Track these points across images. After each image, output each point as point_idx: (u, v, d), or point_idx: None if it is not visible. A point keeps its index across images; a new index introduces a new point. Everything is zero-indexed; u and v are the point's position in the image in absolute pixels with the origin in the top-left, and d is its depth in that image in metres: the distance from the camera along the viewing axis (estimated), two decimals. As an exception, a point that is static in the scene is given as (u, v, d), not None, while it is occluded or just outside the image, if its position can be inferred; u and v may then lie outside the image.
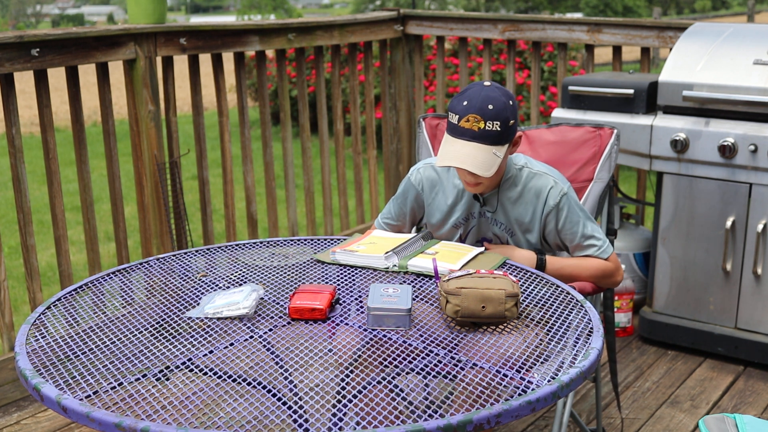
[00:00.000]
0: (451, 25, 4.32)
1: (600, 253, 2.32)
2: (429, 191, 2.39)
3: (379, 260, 2.07)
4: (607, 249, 2.33)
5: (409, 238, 2.23)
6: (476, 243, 2.39)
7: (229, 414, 1.51)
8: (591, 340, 1.69)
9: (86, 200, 3.28)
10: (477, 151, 2.14)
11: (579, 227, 2.30)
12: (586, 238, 2.31)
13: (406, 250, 2.14)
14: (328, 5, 64.92)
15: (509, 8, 36.74)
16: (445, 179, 2.37)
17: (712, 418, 1.77)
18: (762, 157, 3.06)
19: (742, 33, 3.32)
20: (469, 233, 2.39)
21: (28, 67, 2.97)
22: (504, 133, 2.16)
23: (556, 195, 2.27)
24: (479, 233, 2.38)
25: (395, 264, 2.07)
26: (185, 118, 8.49)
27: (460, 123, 2.16)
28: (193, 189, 6.42)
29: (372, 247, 2.14)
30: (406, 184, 2.42)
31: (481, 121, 2.13)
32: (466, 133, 2.15)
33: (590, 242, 2.31)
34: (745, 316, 3.23)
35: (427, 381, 1.99)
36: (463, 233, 2.39)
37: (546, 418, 2.91)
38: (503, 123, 2.15)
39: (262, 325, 1.78)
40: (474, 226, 2.37)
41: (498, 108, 2.14)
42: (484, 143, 2.15)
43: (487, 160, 2.14)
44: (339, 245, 2.20)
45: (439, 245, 2.20)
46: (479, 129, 2.14)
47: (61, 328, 1.79)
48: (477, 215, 2.35)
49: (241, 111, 3.82)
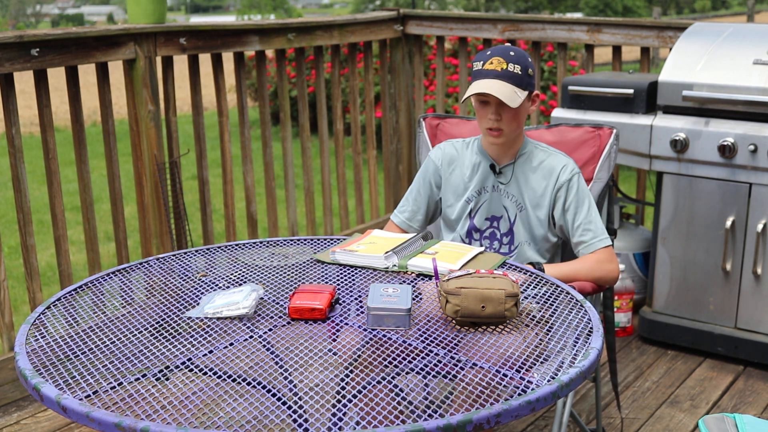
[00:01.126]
0: (451, 25, 4.32)
1: (597, 241, 2.36)
2: (447, 166, 2.50)
3: (379, 260, 2.08)
4: (605, 239, 2.37)
5: (409, 237, 2.23)
6: (486, 220, 2.45)
7: (228, 414, 1.51)
8: (591, 340, 1.69)
9: (86, 200, 3.27)
10: (501, 86, 2.28)
11: (584, 208, 2.37)
12: (588, 221, 2.37)
13: (405, 250, 2.15)
14: (328, 5, 64.92)
15: (509, 8, 36.73)
16: (463, 155, 2.48)
17: (712, 418, 1.77)
18: (762, 157, 3.06)
19: (742, 33, 3.32)
20: (480, 208, 2.45)
21: (28, 67, 2.97)
22: (524, 78, 2.31)
23: (568, 172, 2.39)
24: (490, 209, 2.45)
25: (395, 264, 2.08)
26: (185, 118, 8.49)
27: (484, 66, 2.31)
28: (193, 189, 6.42)
29: (372, 247, 2.15)
30: (426, 161, 2.54)
31: (504, 62, 2.29)
32: (490, 73, 2.29)
33: (591, 227, 2.36)
34: (745, 316, 3.23)
35: (427, 381, 1.99)
36: (474, 207, 2.45)
37: (546, 418, 2.91)
38: (524, 69, 2.30)
39: (261, 325, 1.78)
40: (486, 200, 2.44)
41: (519, 55, 2.32)
42: (507, 82, 2.28)
43: (510, 94, 2.27)
44: (339, 245, 2.20)
45: (439, 245, 2.20)
46: (502, 69, 2.29)
47: (61, 328, 1.79)
48: (490, 189, 2.44)
49: (240, 111, 3.82)
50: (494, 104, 2.31)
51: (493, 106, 2.31)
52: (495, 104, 2.31)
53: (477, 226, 2.45)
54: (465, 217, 2.46)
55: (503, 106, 2.31)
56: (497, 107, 2.31)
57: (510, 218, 2.42)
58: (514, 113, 2.32)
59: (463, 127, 2.77)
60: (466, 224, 2.46)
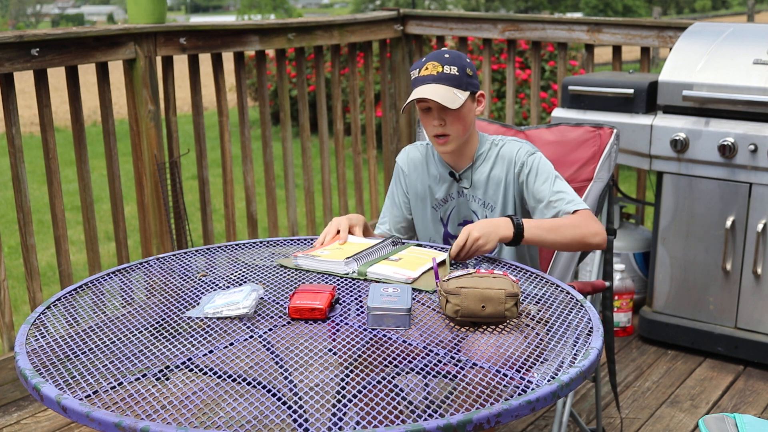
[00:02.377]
0: (451, 25, 4.32)
1: (568, 205, 2.25)
2: (412, 171, 2.46)
3: (339, 266, 2.05)
4: (576, 201, 2.26)
5: (377, 243, 2.20)
6: (459, 225, 2.41)
7: (229, 414, 1.51)
8: (591, 340, 1.69)
9: (86, 200, 3.28)
10: (438, 89, 2.23)
11: (548, 183, 2.28)
12: (557, 191, 2.27)
13: (369, 256, 2.10)
14: (328, 5, 64.91)
15: (509, 8, 36.74)
16: (429, 161, 2.44)
17: (712, 418, 1.77)
18: (762, 156, 3.06)
19: (742, 33, 3.32)
20: (450, 216, 2.41)
21: (28, 66, 2.97)
22: (462, 78, 2.26)
23: (523, 154, 2.33)
24: (460, 215, 2.41)
25: (354, 270, 2.04)
26: (185, 118, 8.49)
27: (420, 73, 2.27)
28: (193, 189, 6.42)
29: (336, 253, 2.11)
30: (396, 167, 2.51)
31: (439, 66, 2.25)
32: (427, 78, 2.26)
33: (562, 195, 2.27)
34: (745, 315, 3.23)
35: (427, 381, 1.99)
36: (443, 216, 2.42)
37: (546, 418, 2.91)
38: (461, 69, 2.25)
39: (262, 324, 1.78)
40: (454, 207, 2.40)
41: (454, 56, 2.27)
42: (444, 84, 2.24)
43: (449, 96, 2.23)
44: (305, 249, 2.18)
45: (406, 251, 2.16)
46: (438, 72, 2.24)
47: (61, 328, 1.79)
48: (456, 195, 2.40)
49: (241, 111, 3.82)
50: (436, 109, 2.26)
51: (435, 111, 2.26)
52: (437, 109, 2.25)
53: (451, 233, 2.42)
54: (437, 223, 2.43)
55: (445, 110, 2.25)
56: (439, 112, 2.25)
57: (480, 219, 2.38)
58: (457, 115, 2.26)
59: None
60: (441, 231, 2.44)
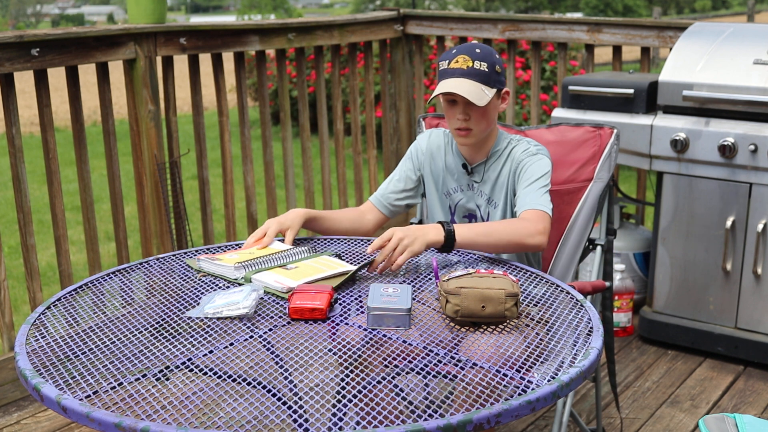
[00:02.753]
0: (451, 25, 4.33)
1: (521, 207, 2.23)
2: (430, 154, 2.47)
3: (229, 270, 2.03)
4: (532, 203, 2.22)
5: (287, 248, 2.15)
6: (464, 218, 2.44)
7: (229, 414, 1.51)
8: (591, 340, 1.69)
9: (86, 200, 3.28)
10: (467, 84, 2.23)
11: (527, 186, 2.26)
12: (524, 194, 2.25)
13: (264, 263, 2.05)
14: (328, 5, 64.92)
15: (509, 8, 36.74)
16: (447, 150, 2.45)
17: (712, 418, 1.77)
18: (762, 156, 3.06)
19: (742, 33, 3.32)
20: (457, 206, 2.44)
21: (28, 66, 2.97)
22: (491, 75, 2.25)
23: (523, 153, 2.33)
24: (465, 207, 2.43)
25: (242, 276, 2.01)
26: (185, 118, 8.49)
27: (450, 65, 2.26)
28: (193, 189, 6.42)
29: (243, 256, 2.08)
30: (413, 146, 2.51)
31: (470, 60, 2.24)
32: (456, 71, 2.25)
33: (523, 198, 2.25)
34: (745, 315, 3.23)
35: (427, 381, 1.99)
36: (452, 205, 2.45)
37: (546, 418, 2.91)
38: (490, 66, 2.25)
39: (262, 325, 1.78)
40: (461, 199, 2.43)
41: (485, 52, 2.26)
42: (473, 80, 2.23)
43: (476, 92, 2.22)
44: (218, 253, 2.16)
45: (312, 260, 2.09)
46: (468, 67, 2.24)
47: (61, 328, 1.79)
48: (465, 187, 2.41)
49: (241, 111, 3.82)
50: (462, 104, 2.26)
51: (460, 105, 2.26)
52: (462, 103, 2.26)
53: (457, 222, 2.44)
54: (446, 211, 2.46)
55: (471, 105, 2.25)
56: (465, 106, 2.26)
57: (482, 215, 2.40)
58: (483, 112, 2.27)
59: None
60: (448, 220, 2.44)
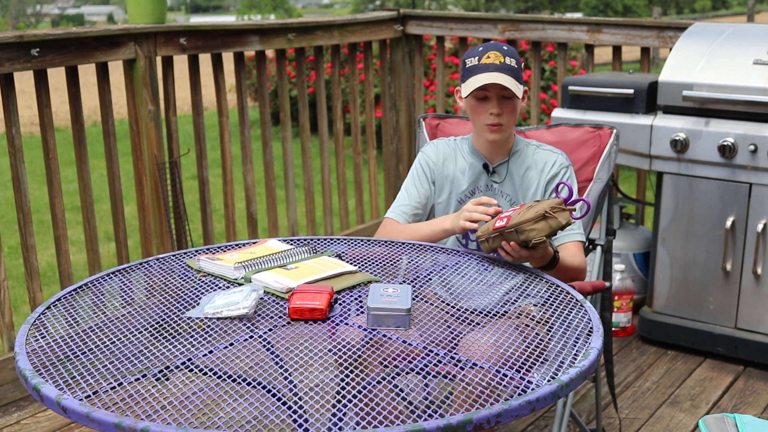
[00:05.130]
0: (451, 25, 4.32)
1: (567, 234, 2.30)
2: (441, 161, 2.45)
3: (229, 270, 2.03)
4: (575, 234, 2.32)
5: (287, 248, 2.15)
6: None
7: (229, 414, 1.51)
8: (591, 340, 1.69)
9: (86, 200, 3.28)
10: (504, 77, 2.24)
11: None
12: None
13: (264, 264, 2.06)
14: (328, 5, 64.92)
15: (509, 8, 36.74)
16: (456, 153, 2.45)
17: (712, 418, 1.77)
18: (762, 157, 3.06)
19: (742, 33, 3.32)
20: None
21: (28, 67, 2.97)
22: (519, 71, 2.29)
23: (557, 165, 2.36)
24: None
25: (242, 276, 2.01)
26: (185, 118, 8.48)
27: (482, 60, 2.27)
28: (193, 189, 6.42)
29: (244, 256, 2.09)
30: (420, 156, 2.49)
31: (501, 56, 2.27)
32: (490, 66, 2.26)
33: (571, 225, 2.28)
34: (745, 316, 3.23)
35: (427, 381, 1.99)
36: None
37: (546, 418, 2.91)
38: (518, 63, 2.29)
39: (262, 325, 1.78)
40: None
41: (511, 49, 2.30)
42: (507, 74, 2.25)
43: (514, 85, 2.24)
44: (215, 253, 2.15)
45: (312, 260, 2.09)
46: (501, 62, 2.26)
47: (61, 328, 1.79)
48: (483, 188, 2.39)
49: (241, 111, 3.82)
50: (495, 98, 2.26)
51: (494, 99, 2.26)
52: (496, 98, 2.26)
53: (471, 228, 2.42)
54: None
55: (504, 100, 2.27)
56: (499, 101, 2.26)
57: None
58: (513, 107, 2.29)
59: (463, 126, 2.77)
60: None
